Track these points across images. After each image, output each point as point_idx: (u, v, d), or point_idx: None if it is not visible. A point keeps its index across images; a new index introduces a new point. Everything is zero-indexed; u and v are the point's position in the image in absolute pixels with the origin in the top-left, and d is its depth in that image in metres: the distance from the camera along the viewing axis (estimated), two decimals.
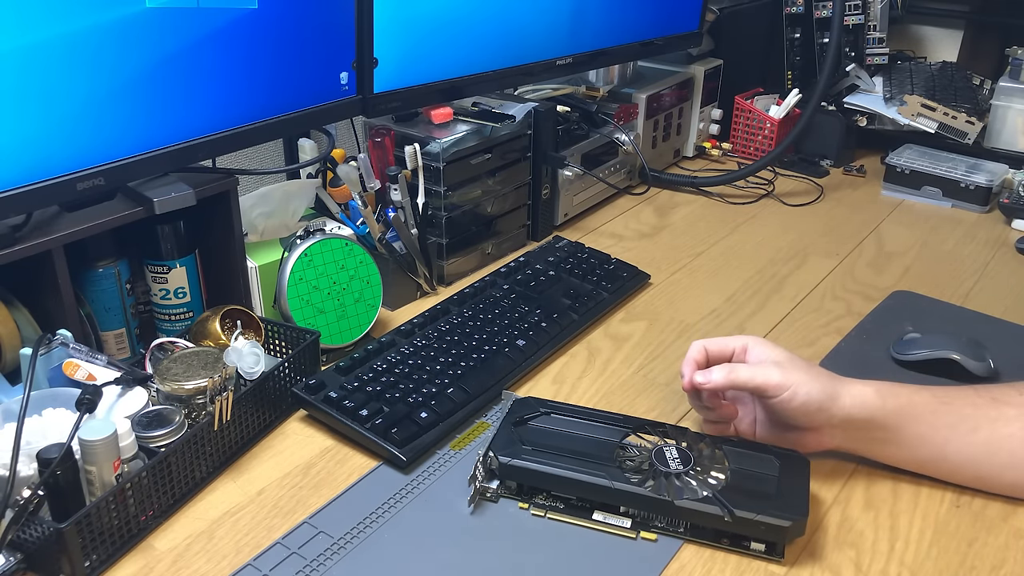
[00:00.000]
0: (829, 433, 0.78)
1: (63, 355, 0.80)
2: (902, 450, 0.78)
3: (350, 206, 1.12)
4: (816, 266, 1.22)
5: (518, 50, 1.20)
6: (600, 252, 1.19)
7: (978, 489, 0.78)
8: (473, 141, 1.13)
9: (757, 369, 0.77)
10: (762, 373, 0.76)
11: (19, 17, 0.72)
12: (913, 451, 0.78)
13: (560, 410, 0.83)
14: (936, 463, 0.78)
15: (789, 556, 0.72)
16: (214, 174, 0.94)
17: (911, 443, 0.77)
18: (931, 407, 0.77)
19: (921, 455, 0.78)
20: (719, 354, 0.82)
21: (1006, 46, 1.59)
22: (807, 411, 0.76)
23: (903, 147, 1.51)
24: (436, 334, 0.96)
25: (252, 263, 0.99)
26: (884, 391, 0.77)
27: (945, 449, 0.77)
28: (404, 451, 0.81)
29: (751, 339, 0.81)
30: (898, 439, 0.77)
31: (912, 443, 0.77)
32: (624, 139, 1.38)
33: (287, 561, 0.71)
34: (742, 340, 0.81)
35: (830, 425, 0.77)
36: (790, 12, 1.61)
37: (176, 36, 0.83)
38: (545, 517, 0.76)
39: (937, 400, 0.77)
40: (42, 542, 0.67)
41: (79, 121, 0.79)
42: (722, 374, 0.78)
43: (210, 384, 0.80)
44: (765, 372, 0.76)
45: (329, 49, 0.98)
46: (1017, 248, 1.28)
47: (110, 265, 0.91)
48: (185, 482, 0.77)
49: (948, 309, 1.10)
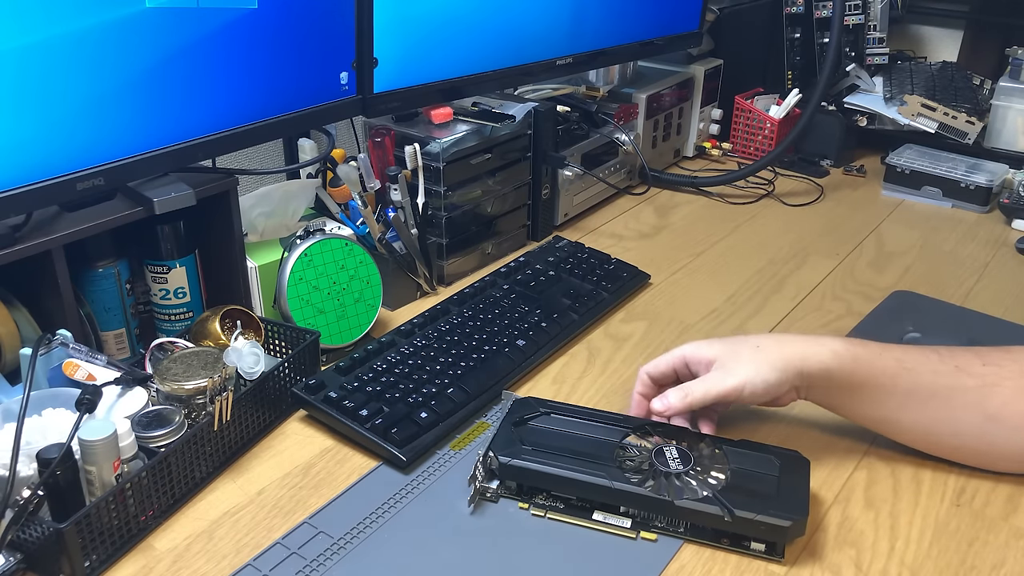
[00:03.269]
0: (795, 392, 0.80)
1: (63, 355, 0.80)
2: (860, 409, 0.80)
3: (350, 206, 1.12)
4: (816, 266, 1.22)
5: (518, 50, 1.20)
6: (600, 252, 1.19)
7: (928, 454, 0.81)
8: (473, 141, 1.13)
9: (708, 381, 0.79)
10: (714, 384, 0.78)
11: (19, 17, 0.72)
12: (870, 411, 0.80)
13: (560, 410, 0.83)
14: (890, 425, 0.81)
15: (789, 556, 0.72)
16: (214, 174, 0.94)
17: (868, 404, 0.79)
18: (891, 371, 0.78)
19: (877, 416, 0.80)
20: (662, 376, 0.84)
21: (1006, 46, 1.59)
22: (771, 393, 0.78)
23: (903, 147, 1.51)
24: (436, 334, 0.96)
25: (252, 263, 0.99)
26: (842, 351, 0.78)
27: (899, 414, 0.79)
28: (404, 451, 0.81)
29: (685, 348, 0.82)
30: (856, 398, 0.79)
31: (869, 404, 0.79)
32: (624, 139, 1.38)
33: (287, 561, 0.71)
34: (677, 353, 0.83)
35: (794, 388, 0.79)
36: (790, 12, 1.61)
37: (176, 36, 0.83)
38: (545, 517, 0.76)
39: (899, 364, 0.78)
40: (42, 542, 0.67)
41: (79, 121, 0.79)
42: (678, 397, 0.79)
43: (210, 384, 0.80)
44: (716, 382, 0.78)
45: (329, 49, 0.98)
46: (1017, 248, 1.28)
47: (110, 265, 0.91)
48: (185, 482, 0.77)
49: (948, 309, 1.10)
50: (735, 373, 0.78)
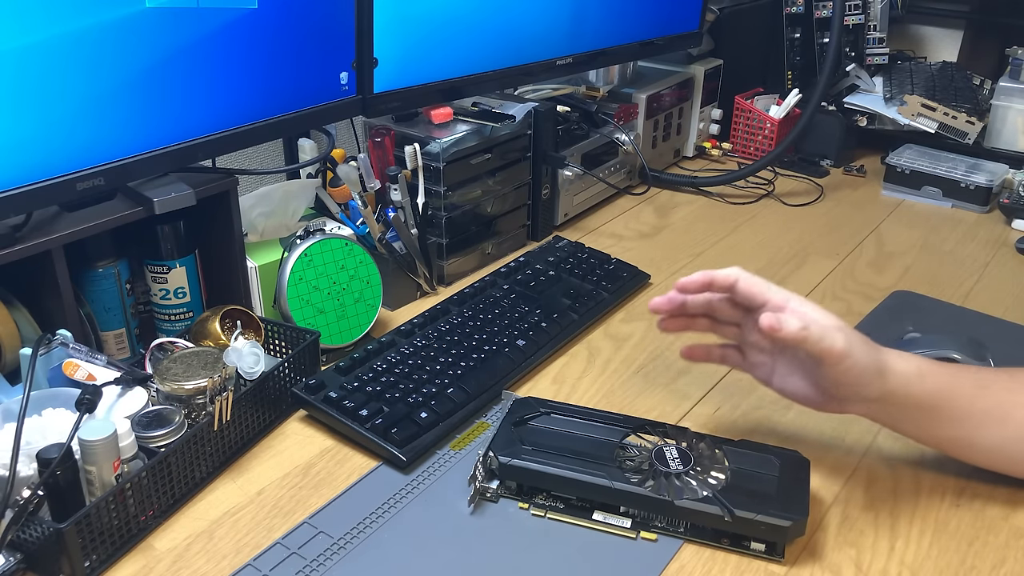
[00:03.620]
0: (859, 404, 0.75)
1: (63, 355, 0.80)
2: (933, 430, 0.76)
3: (350, 206, 1.12)
4: (816, 266, 1.22)
5: (518, 50, 1.20)
6: (600, 252, 1.19)
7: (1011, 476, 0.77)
8: (473, 141, 1.13)
9: (828, 330, 0.70)
10: (830, 337, 0.70)
11: (19, 17, 0.72)
12: (944, 431, 0.76)
13: (560, 410, 0.83)
14: (965, 447, 0.77)
15: (789, 556, 0.72)
16: (214, 174, 0.94)
17: (944, 424, 0.75)
18: (968, 391, 0.75)
19: (952, 436, 0.76)
20: (751, 298, 0.75)
21: (1006, 46, 1.59)
22: (855, 383, 0.72)
23: (903, 147, 1.51)
24: (436, 334, 0.96)
25: (252, 263, 0.99)
26: (926, 370, 0.74)
27: (975, 433, 0.75)
28: (404, 451, 0.81)
29: (794, 298, 0.74)
30: (931, 418, 0.75)
31: (945, 425, 0.75)
32: (624, 139, 1.38)
33: (287, 561, 0.71)
34: (783, 296, 0.74)
35: (865, 399, 0.74)
36: (790, 12, 1.61)
37: (176, 36, 0.83)
38: (545, 517, 0.76)
39: (975, 384, 0.75)
40: (42, 542, 0.67)
41: (79, 121, 0.79)
42: (797, 325, 0.70)
43: (210, 384, 0.80)
44: (833, 337, 0.70)
45: (329, 49, 0.98)
46: (1017, 248, 1.28)
47: (110, 265, 0.91)
48: (185, 482, 0.77)
49: (948, 309, 1.10)
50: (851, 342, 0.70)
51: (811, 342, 0.70)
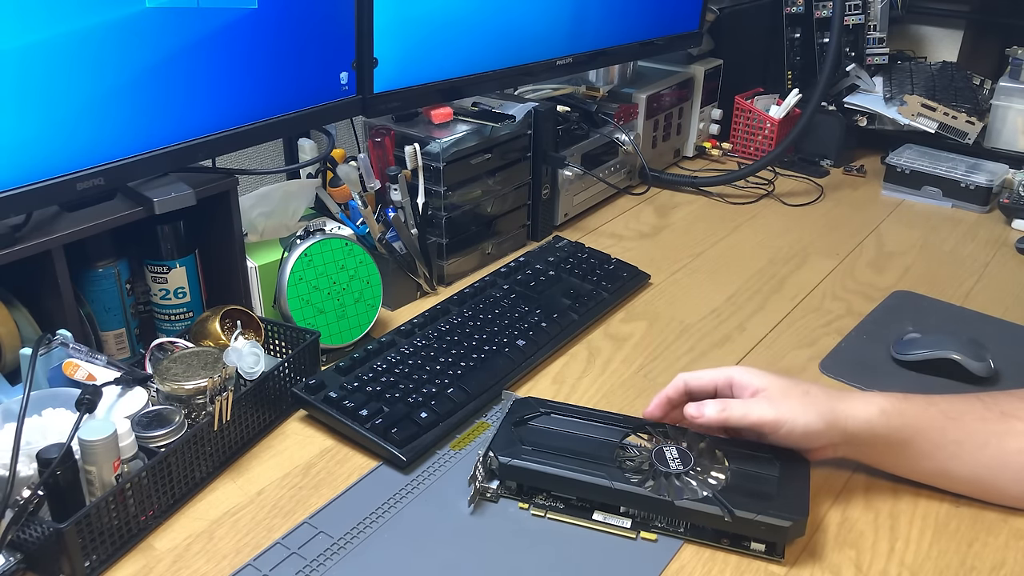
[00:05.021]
0: (832, 449, 0.77)
1: (63, 355, 0.80)
2: (907, 464, 0.77)
3: (350, 206, 1.12)
4: (816, 266, 1.22)
5: (518, 50, 1.20)
6: (600, 252, 1.19)
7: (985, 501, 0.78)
8: (473, 141, 1.13)
9: (751, 405, 0.76)
10: (755, 410, 0.75)
11: (19, 17, 0.72)
12: (918, 465, 0.77)
13: (560, 410, 0.83)
14: (942, 477, 0.78)
15: (789, 556, 0.72)
16: (214, 174, 0.94)
17: (916, 458, 0.76)
18: (938, 423, 0.75)
19: (926, 469, 0.77)
20: (701, 389, 0.80)
21: (1006, 46, 1.59)
22: (808, 441, 0.75)
23: (903, 147, 1.51)
24: (436, 334, 0.96)
25: (252, 263, 0.99)
26: (889, 408, 0.75)
27: (949, 464, 0.76)
28: (404, 451, 0.81)
29: (735, 371, 0.79)
30: (903, 454, 0.76)
31: (917, 458, 0.76)
32: (624, 139, 1.38)
33: (287, 561, 0.71)
34: (725, 373, 0.79)
35: (832, 444, 0.76)
36: (790, 12, 1.61)
37: (176, 36, 0.83)
38: (545, 517, 0.76)
39: (944, 416, 0.76)
40: (42, 542, 0.67)
41: (79, 121, 0.79)
42: (715, 409, 0.76)
43: (210, 384, 0.80)
44: (758, 409, 0.75)
45: (329, 49, 0.98)
46: (1017, 248, 1.28)
47: (110, 265, 0.91)
48: (185, 482, 0.77)
49: (948, 309, 1.10)
50: (779, 408, 0.74)
51: (734, 420, 0.76)
